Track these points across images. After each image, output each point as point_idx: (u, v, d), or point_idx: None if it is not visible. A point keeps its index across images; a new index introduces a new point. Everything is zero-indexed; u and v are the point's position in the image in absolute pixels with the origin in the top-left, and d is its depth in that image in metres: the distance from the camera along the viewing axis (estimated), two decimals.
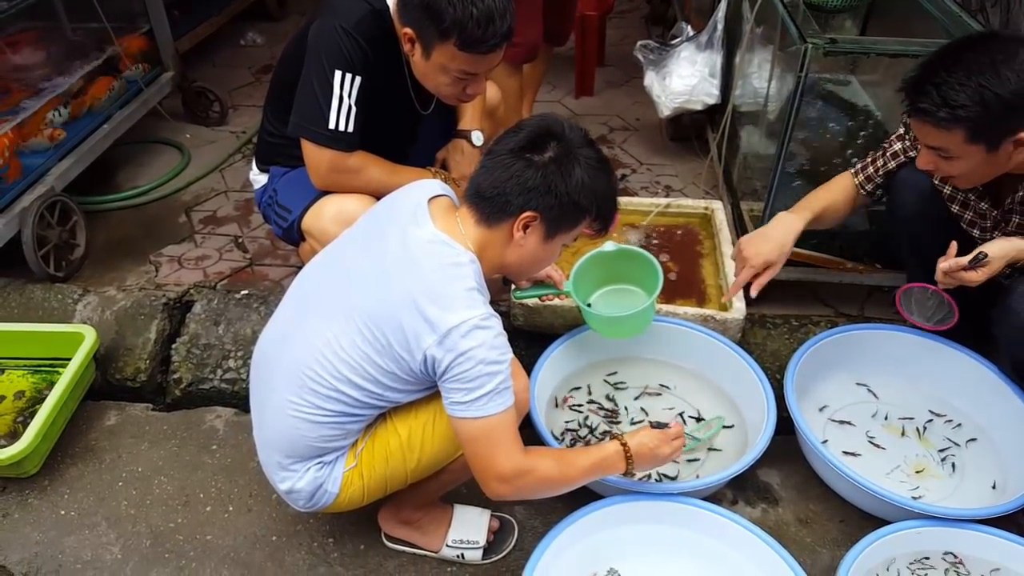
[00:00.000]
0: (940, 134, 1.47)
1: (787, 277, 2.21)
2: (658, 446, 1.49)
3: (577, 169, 1.33)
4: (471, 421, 1.31)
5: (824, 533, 1.77)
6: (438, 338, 1.27)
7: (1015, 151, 1.47)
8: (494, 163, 1.35)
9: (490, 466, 1.33)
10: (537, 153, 1.33)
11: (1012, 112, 1.41)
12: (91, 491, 1.85)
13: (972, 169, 1.53)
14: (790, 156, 2.06)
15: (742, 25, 2.54)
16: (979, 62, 1.41)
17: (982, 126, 1.43)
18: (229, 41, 3.92)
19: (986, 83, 1.39)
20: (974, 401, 1.91)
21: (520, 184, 1.32)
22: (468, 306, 1.28)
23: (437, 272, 1.31)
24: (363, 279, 1.37)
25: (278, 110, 1.89)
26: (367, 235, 1.45)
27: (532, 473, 1.35)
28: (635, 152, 3.06)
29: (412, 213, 1.39)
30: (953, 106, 1.42)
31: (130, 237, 2.59)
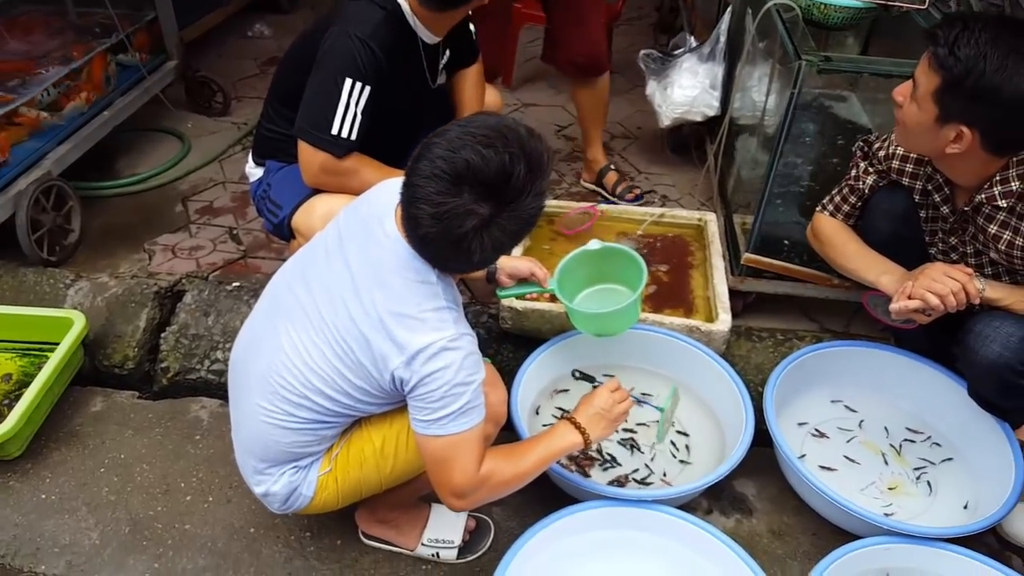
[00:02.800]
0: (926, 68, 1.49)
1: (775, 291, 2.23)
2: (606, 404, 1.48)
3: (502, 230, 1.22)
4: (432, 438, 1.31)
5: (796, 546, 1.79)
6: (405, 360, 1.27)
7: (952, 142, 1.50)
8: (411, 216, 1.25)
9: (446, 482, 1.33)
10: (457, 226, 1.20)
11: (977, 101, 1.44)
12: (73, 476, 1.86)
13: (915, 124, 1.54)
14: (782, 171, 2.07)
15: (744, 38, 2.55)
16: (1006, 40, 1.41)
17: (950, 89, 1.45)
18: (236, 32, 3.93)
19: (989, 58, 1.40)
20: (951, 422, 1.93)
21: (444, 259, 1.29)
22: (436, 328, 1.27)
23: (405, 291, 1.29)
24: (332, 292, 1.35)
25: (280, 107, 1.91)
26: (338, 239, 1.40)
27: (486, 483, 1.35)
28: (634, 160, 3.07)
29: (379, 217, 1.34)
30: (954, 52, 1.43)
31: (126, 224, 2.60)
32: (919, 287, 1.62)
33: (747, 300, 2.29)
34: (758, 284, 2.23)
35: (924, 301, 1.61)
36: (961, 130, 1.48)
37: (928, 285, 1.61)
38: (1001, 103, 1.42)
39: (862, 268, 1.80)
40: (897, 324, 1.74)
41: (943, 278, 1.61)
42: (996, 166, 1.56)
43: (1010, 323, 1.64)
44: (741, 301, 2.27)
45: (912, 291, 1.63)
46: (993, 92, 1.42)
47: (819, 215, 1.92)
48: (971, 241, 1.71)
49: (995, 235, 1.63)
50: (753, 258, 2.18)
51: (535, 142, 1.22)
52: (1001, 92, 1.41)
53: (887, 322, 1.77)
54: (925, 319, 1.66)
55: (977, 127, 1.47)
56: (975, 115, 1.46)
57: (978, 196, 1.60)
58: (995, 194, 1.57)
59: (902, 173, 1.76)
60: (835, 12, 2.07)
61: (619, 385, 1.53)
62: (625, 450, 1.91)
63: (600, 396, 1.50)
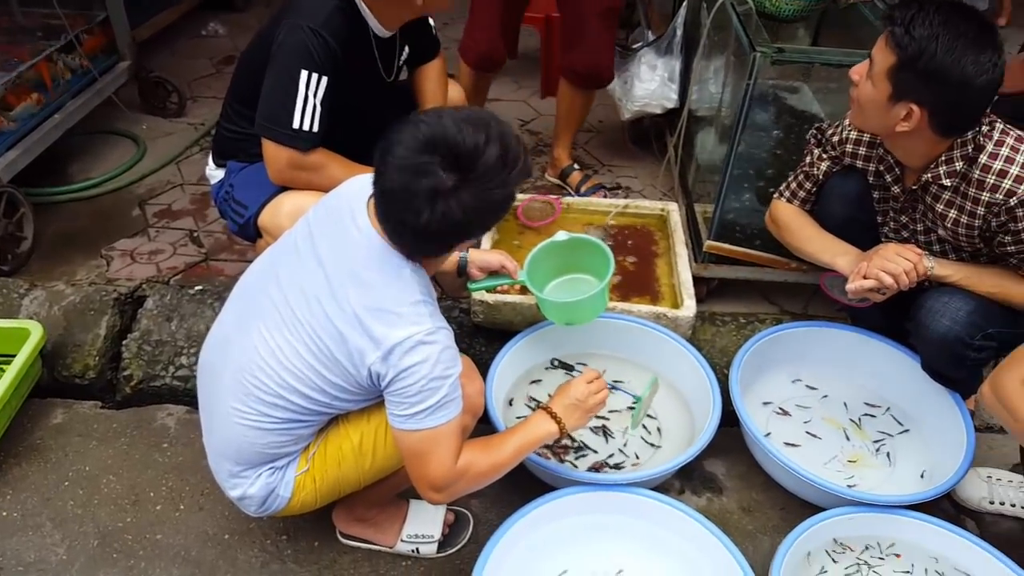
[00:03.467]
0: (883, 47, 1.55)
1: (736, 276, 2.28)
2: (581, 394, 1.50)
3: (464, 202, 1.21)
4: (410, 433, 1.31)
5: (766, 520, 1.84)
6: (382, 354, 1.27)
7: (902, 120, 1.57)
8: (385, 194, 1.27)
9: (423, 476, 1.34)
10: (428, 200, 1.20)
11: (929, 81, 1.50)
12: (35, 491, 1.81)
13: (869, 101, 1.60)
14: (740, 160, 2.12)
15: (700, 32, 2.59)
16: (956, 24, 1.48)
17: (904, 69, 1.52)
18: (189, 31, 3.85)
19: (941, 42, 1.47)
20: (906, 395, 2.00)
21: (414, 232, 1.25)
22: (413, 321, 1.27)
23: (380, 285, 1.29)
24: (306, 290, 1.34)
25: (240, 107, 1.88)
26: (309, 236, 1.40)
27: (464, 476, 1.36)
28: (597, 153, 3.11)
29: (351, 213, 1.34)
30: (909, 32, 1.49)
31: (81, 230, 2.54)
32: (873, 267, 1.68)
33: (710, 286, 2.34)
34: (720, 270, 2.28)
35: (879, 280, 1.67)
36: (911, 108, 1.54)
37: (882, 265, 1.67)
38: (949, 84, 1.49)
39: (819, 251, 1.86)
40: (853, 303, 1.80)
41: (896, 258, 1.67)
42: (942, 147, 1.62)
43: (959, 298, 1.71)
44: (704, 287, 2.31)
45: (867, 271, 1.69)
46: (942, 73, 1.48)
47: (776, 202, 1.97)
48: (921, 219, 1.78)
49: (941, 213, 1.70)
50: (715, 245, 2.22)
51: (515, 140, 1.25)
52: (950, 74, 1.48)
53: (844, 301, 1.83)
54: (880, 298, 1.72)
55: (926, 106, 1.54)
56: (925, 94, 1.52)
57: (925, 175, 1.67)
58: (940, 173, 1.64)
59: (855, 156, 1.82)
60: (786, 5, 2.13)
61: (597, 375, 1.55)
62: (598, 437, 1.94)
63: (576, 387, 1.51)
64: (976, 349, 1.70)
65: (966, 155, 1.61)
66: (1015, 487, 1.87)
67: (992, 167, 1.58)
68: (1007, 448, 2.01)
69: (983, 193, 1.60)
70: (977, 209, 1.63)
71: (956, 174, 1.63)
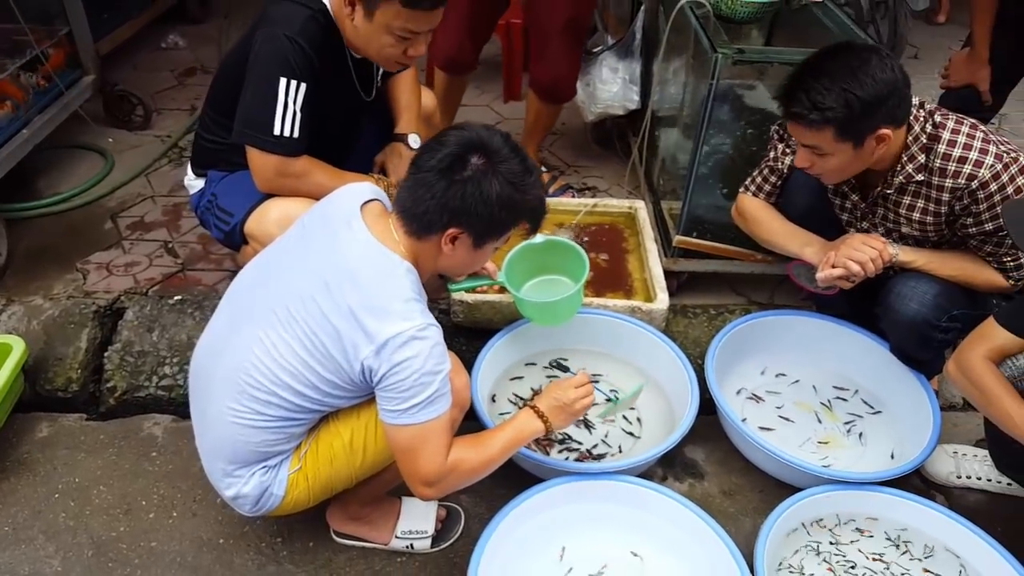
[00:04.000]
0: (813, 134, 1.65)
1: (704, 269, 2.37)
2: (568, 398, 1.55)
3: (497, 185, 1.35)
4: (402, 428, 1.35)
5: (746, 503, 1.91)
6: (375, 348, 1.31)
7: (877, 146, 1.67)
8: (417, 181, 1.37)
9: (415, 471, 1.38)
10: (459, 171, 1.35)
11: (872, 111, 1.60)
12: (25, 505, 1.81)
13: (842, 164, 1.71)
14: (705, 157, 2.21)
15: (659, 35, 2.68)
16: (840, 69, 1.60)
17: (847, 124, 1.61)
18: (149, 44, 3.83)
19: (848, 87, 1.58)
20: (873, 377, 2.10)
21: (442, 204, 1.35)
22: (405, 317, 1.32)
23: (374, 283, 1.34)
24: (301, 286, 1.38)
25: (219, 117, 1.89)
26: (301, 240, 1.46)
27: (454, 471, 1.40)
28: (562, 155, 3.17)
29: (345, 218, 1.41)
30: (822, 108, 1.60)
31: (54, 245, 2.52)
32: (841, 256, 1.78)
33: (680, 280, 2.43)
34: (690, 264, 2.37)
35: (847, 268, 1.76)
36: (881, 134, 1.65)
37: (849, 254, 1.77)
38: (883, 98, 1.60)
39: (786, 242, 1.95)
40: (820, 291, 1.89)
41: (862, 246, 1.77)
42: (902, 137, 1.72)
43: (924, 283, 1.82)
44: (675, 281, 2.40)
45: (835, 260, 1.79)
46: (874, 98, 1.59)
47: (743, 196, 2.06)
48: (881, 222, 1.88)
49: (909, 205, 1.80)
50: (684, 239, 2.31)
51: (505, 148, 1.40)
52: (879, 94, 1.59)
53: (811, 289, 1.92)
54: (848, 285, 1.81)
55: (886, 123, 1.64)
56: (879, 118, 1.63)
57: (898, 178, 1.76)
58: (909, 171, 1.74)
59: None
60: (741, 7, 2.22)
61: (587, 380, 1.60)
62: (580, 430, 2.00)
63: (565, 389, 1.56)
64: (943, 330, 1.81)
65: (923, 146, 1.72)
66: (980, 461, 1.97)
67: (952, 155, 1.69)
68: (971, 425, 2.12)
69: (946, 180, 1.71)
70: (943, 196, 1.74)
71: (923, 167, 1.73)
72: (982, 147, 1.68)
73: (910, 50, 4.01)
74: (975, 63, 2.30)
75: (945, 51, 2.44)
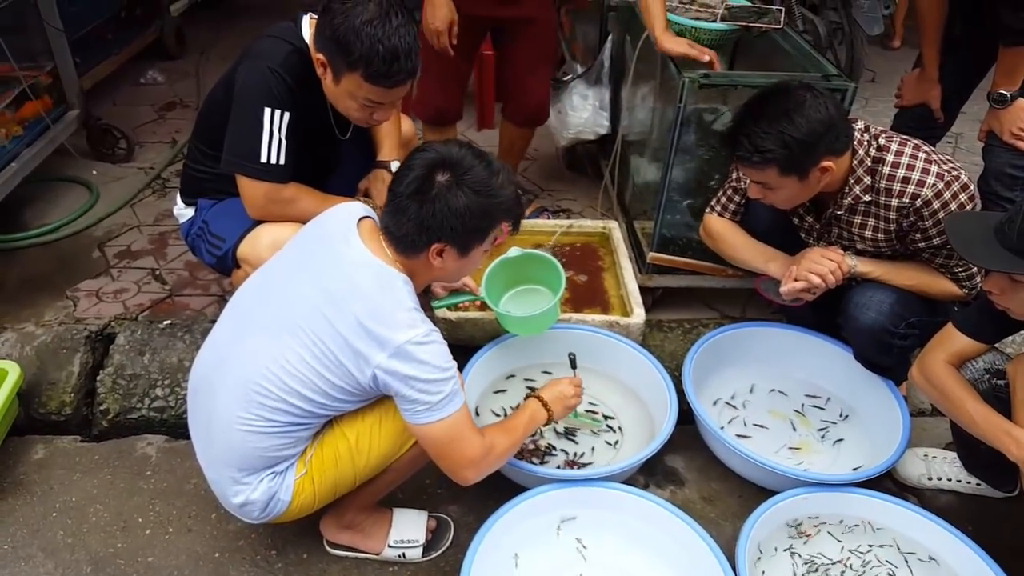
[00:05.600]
0: (758, 172, 1.78)
1: (678, 285, 2.46)
2: (567, 393, 1.77)
3: (463, 196, 1.42)
4: (435, 424, 1.44)
5: (726, 508, 1.99)
6: (388, 355, 1.39)
7: (822, 176, 1.78)
8: (395, 206, 1.45)
9: (461, 457, 1.48)
10: (427, 192, 1.42)
11: (810, 148, 1.72)
12: (23, 524, 1.83)
13: (791, 195, 1.84)
14: (675, 177, 2.31)
15: (626, 62, 2.81)
16: (776, 112, 1.72)
17: (789, 162, 1.74)
18: (129, 79, 3.90)
19: (784, 129, 1.70)
20: (843, 384, 2.19)
21: (418, 225, 1.43)
22: (411, 324, 1.41)
23: (376, 294, 1.42)
24: (305, 298, 1.45)
25: (205, 147, 1.96)
26: (300, 255, 1.54)
27: (493, 451, 1.53)
28: (535, 179, 3.28)
29: (343, 235, 1.49)
30: (762, 151, 1.72)
31: (44, 274, 2.56)
32: (802, 270, 1.89)
33: (655, 296, 2.52)
34: (664, 280, 2.47)
35: (808, 281, 1.87)
36: (824, 166, 1.76)
37: (809, 267, 1.88)
38: (819, 135, 1.71)
39: (751, 258, 2.06)
40: (787, 303, 1.99)
41: (821, 259, 1.88)
42: (847, 162, 1.83)
43: (882, 292, 1.93)
44: (650, 297, 2.49)
45: (797, 274, 1.89)
46: (811, 137, 1.71)
47: (708, 215, 2.17)
48: (837, 240, 1.99)
49: (861, 224, 1.91)
50: (657, 256, 2.41)
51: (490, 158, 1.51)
52: (814, 132, 1.71)
53: (778, 302, 2.03)
54: (811, 297, 1.92)
55: (827, 155, 1.76)
56: (820, 152, 1.74)
57: (846, 200, 1.88)
58: (857, 193, 1.86)
59: None
60: (704, 34, 2.35)
61: (580, 383, 1.81)
62: (562, 440, 2.06)
63: (564, 385, 1.78)
64: (901, 337, 1.91)
65: (868, 168, 1.83)
66: (949, 463, 2.04)
67: (896, 175, 1.81)
68: (939, 429, 2.20)
69: (892, 199, 1.82)
70: (890, 214, 1.85)
71: (869, 188, 1.84)
72: (924, 167, 1.79)
73: (867, 74, 4.21)
74: (926, 82, 2.43)
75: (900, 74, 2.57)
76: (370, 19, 1.63)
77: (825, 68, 2.16)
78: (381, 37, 1.62)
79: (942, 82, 2.40)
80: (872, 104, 4.06)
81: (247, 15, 4.96)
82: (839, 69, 2.20)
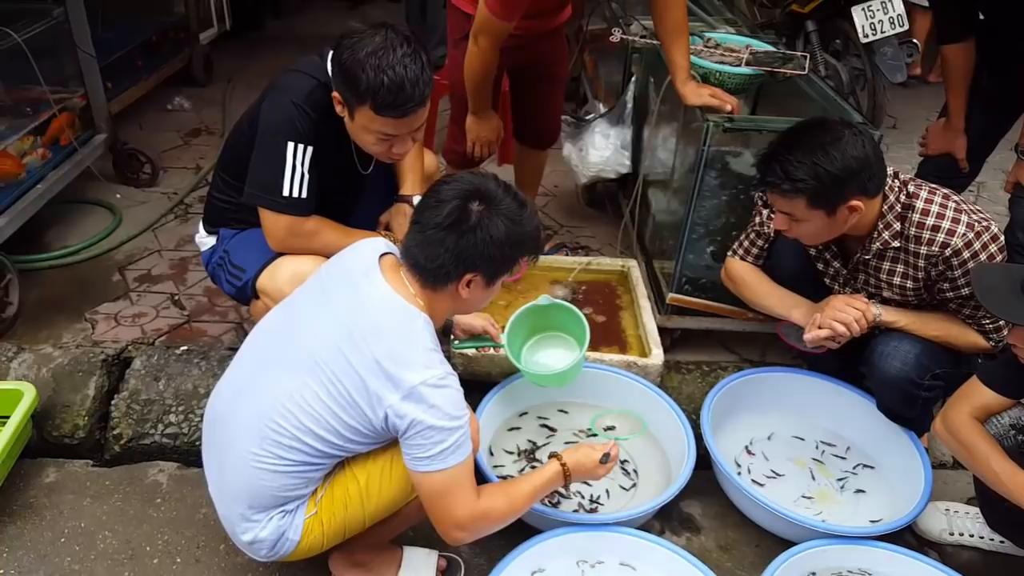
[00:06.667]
0: (786, 201, 1.76)
1: (697, 327, 2.44)
2: (594, 468, 1.64)
3: (501, 225, 1.42)
4: (431, 475, 1.40)
5: (742, 557, 1.94)
6: (400, 396, 1.37)
7: (850, 215, 1.77)
8: (426, 239, 1.43)
9: (449, 516, 1.43)
10: (465, 222, 1.41)
11: (841, 184, 1.71)
12: (31, 548, 1.82)
13: (816, 230, 1.81)
14: (697, 219, 2.31)
15: (649, 104, 2.82)
16: (812, 144, 1.71)
17: (818, 195, 1.72)
18: (155, 105, 3.96)
19: (818, 161, 1.69)
20: (865, 434, 2.15)
21: (456, 256, 1.42)
22: (427, 365, 1.39)
23: (396, 334, 1.41)
24: (325, 335, 1.44)
25: (229, 178, 1.98)
26: (322, 292, 1.53)
27: (486, 516, 1.46)
28: (555, 216, 3.29)
29: (364, 271, 1.48)
30: (793, 179, 1.71)
31: (63, 295, 2.57)
32: (826, 318, 1.86)
33: (673, 336, 2.50)
34: (683, 321, 2.45)
35: (832, 329, 1.85)
36: (852, 204, 1.75)
37: (834, 315, 1.86)
38: (855, 171, 1.71)
39: (774, 304, 2.04)
40: (809, 350, 1.97)
41: (846, 308, 1.86)
42: (877, 206, 1.82)
43: (907, 342, 1.90)
44: (669, 337, 2.46)
45: (821, 321, 1.87)
46: (846, 172, 1.70)
47: (730, 259, 2.15)
48: (863, 287, 1.97)
49: (889, 271, 1.89)
50: (678, 297, 2.39)
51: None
52: (849, 167, 1.70)
53: (800, 348, 2.00)
54: (835, 345, 1.89)
55: (858, 194, 1.74)
56: (851, 189, 1.73)
57: (874, 244, 1.86)
58: (886, 238, 1.84)
59: None
60: (729, 79, 2.36)
61: (616, 454, 1.68)
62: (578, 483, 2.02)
63: (593, 456, 1.64)
64: (925, 388, 1.88)
65: (897, 215, 1.82)
66: (972, 518, 1.99)
67: (926, 223, 1.79)
68: (961, 482, 2.15)
69: (921, 247, 1.81)
70: (919, 262, 1.83)
71: (898, 234, 1.82)
72: (954, 216, 1.78)
73: (888, 120, 4.21)
74: (951, 132, 2.43)
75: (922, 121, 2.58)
76: (374, 51, 1.63)
77: (849, 115, 2.15)
78: (385, 67, 1.62)
79: (967, 132, 2.40)
80: (894, 150, 4.04)
81: (275, 45, 5.05)
82: (863, 116, 2.20)
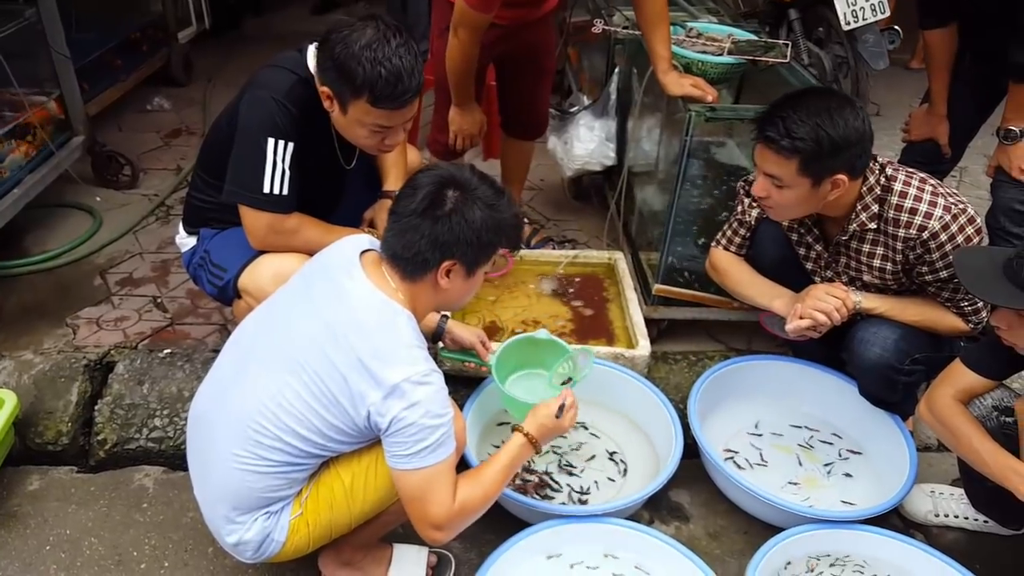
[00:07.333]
0: (779, 160, 1.74)
1: (684, 316, 2.44)
2: (557, 424, 1.61)
3: (478, 210, 1.42)
4: (410, 473, 1.39)
5: (731, 544, 1.95)
6: (383, 394, 1.36)
7: (831, 190, 1.77)
8: (402, 226, 1.43)
9: (425, 516, 1.42)
10: (440, 207, 1.41)
11: (837, 152, 1.71)
12: (16, 557, 1.80)
13: (796, 200, 1.80)
14: (681, 209, 2.31)
15: (633, 95, 2.82)
16: (818, 107, 1.71)
17: (813, 159, 1.71)
18: (135, 106, 3.91)
19: (821, 123, 1.69)
20: (850, 419, 2.16)
21: (432, 241, 1.41)
22: (410, 363, 1.37)
23: (378, 331, 1.40)
24: (306, 334, 1.43)
25: (208, 177, 1.95)
26: (305, 290, 1.52)
27: (463, 511, 1.45)
28: (541, 209, 3.28)
29: (346, 268, 1.47)
30: (793, 137, 1.70)
31: (43, 301, 2.54)
32: (807, 307, 1.87)
33: (660, 327, 2.50)
34: (669, 311, 2.45)
35: (813, 319, 1.86)
36: (837, 179, 1.75)
37: (814, 305, 1.86)
38: (851, 144, 1.71)
39: (756, 295, 2.05)
40: (792, 338, 1.97)
41: (826, 297, 1.87)
42: (856, 189, 1.83)
43: (886, 328, 1.91)
44: (655, 328, 2.46)
45: (801, 311, 1.88)
46: (843, 141, 1.70)
47: (714, 249, 2.15)
48: (844, 270, 1.98)
49: (869, 254, 1.90)
50: (663, 288, 2.39)
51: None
52: (848, 139, 1.70)
53: (784, 337, 2.01)
54: (816, 334, 1.90)
55: (844, 169, 1.75)
56: (840, 162, 1.73)
57: (851, 226, 1.87)
58: (863, 220, 1.85)
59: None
60: (712, 68, 2.35)
61: (574, 401, 1.66)
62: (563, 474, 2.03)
63: (550, 415, 1.61)
64: (906, 373, 1.89)
65: (876, 197, 1.83)
66: (956, 499, 2.02)
67: (904, 206, 1.80)
68: (945, 464, 2.17)
69: (899, 230, 1.81)
70: (896, 245, 1.84)
71: (876, 216, 1.83)
72: (931, 199, 1.79)
73: (872, 107, 4.22)
74: (934, 118, 2.43)
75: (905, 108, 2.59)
76: (369, 43, 1.62)
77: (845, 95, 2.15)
78: (382, 59, 1.61)
79: (950, 118, 2.41)
80: (877, 137, 3.96)
81: (254, 43, 5.00)
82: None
